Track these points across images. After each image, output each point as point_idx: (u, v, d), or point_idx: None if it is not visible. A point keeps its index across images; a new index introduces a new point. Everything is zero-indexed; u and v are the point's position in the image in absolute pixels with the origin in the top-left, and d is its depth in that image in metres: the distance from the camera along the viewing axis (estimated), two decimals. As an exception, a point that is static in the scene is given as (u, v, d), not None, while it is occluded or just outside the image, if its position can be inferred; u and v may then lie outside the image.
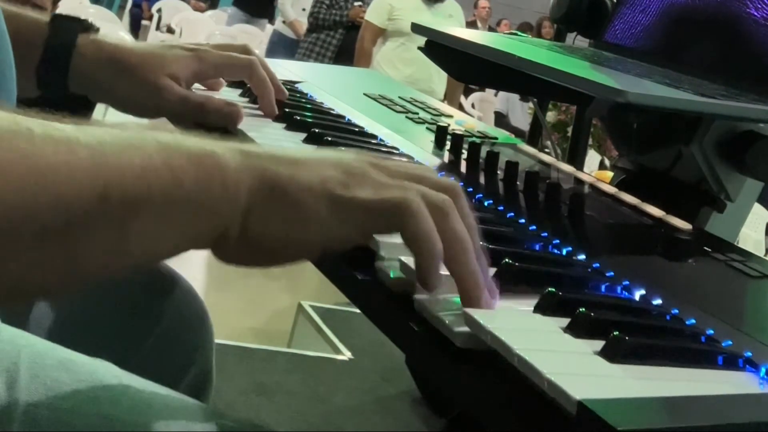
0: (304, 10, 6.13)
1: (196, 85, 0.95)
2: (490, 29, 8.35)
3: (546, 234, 0.72)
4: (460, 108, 5.98)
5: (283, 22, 6.45)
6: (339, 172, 0.55)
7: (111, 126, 0.49)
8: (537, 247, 0.69)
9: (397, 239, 0.56)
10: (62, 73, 0.85)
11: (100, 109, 0.95)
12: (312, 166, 0.55)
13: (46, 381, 0.63)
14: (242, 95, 1.02)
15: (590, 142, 3.34)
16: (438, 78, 4.52)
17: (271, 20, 7.64)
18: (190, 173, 0.49)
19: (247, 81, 0.97)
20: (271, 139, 0.87)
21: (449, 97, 5.08)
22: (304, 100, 1.06)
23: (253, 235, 0.53)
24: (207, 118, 0.87)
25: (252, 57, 0.94)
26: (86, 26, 0.88)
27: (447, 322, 0.52)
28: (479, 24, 8.26)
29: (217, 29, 7.57)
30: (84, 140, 0.46)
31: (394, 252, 0.59)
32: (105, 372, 0.68)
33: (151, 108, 0.89)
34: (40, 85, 0.85)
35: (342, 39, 5.54)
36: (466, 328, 0.51)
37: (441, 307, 0.54)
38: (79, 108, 0.89)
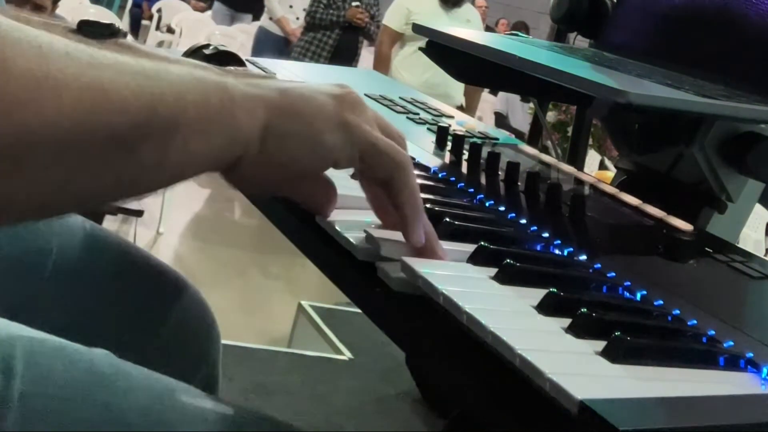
0: (291, 7, 6.12)
1: None
2: (488, 29, 8.34)
3: (547, 235, 0.72)
4: (475, 114, 5.94)
5: (270, 18, 6.38)
6: (344, 100, 0.62)
7: (146, 54, 0.54)
8: (538, 248, 0.69)
9: (398, 237, 0.61)
10: None
11: None
12: (318, 95, 0.61)
13: (42, 370, 0.64)
14: None
15: (590, 142, 3.34)
16: (455, 83, 4.50)
17: (258, 17, 7.60)
18: (216, 95, 0.55)
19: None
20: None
21: (468, 103, 5.04)
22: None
23: (270, 150, 0.58)
24: None
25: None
26: (113, 31, 0.88)
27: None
28: (478, 23, 8.24)
29: (217, 29, 7.57)
30: (129, 62, 0.50)
31: (395, 252, 0.59)
32: (101, 360, 0.68)
33: None
34: None
35: (338, 39, 5.53)
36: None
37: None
38: None
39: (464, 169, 0.88)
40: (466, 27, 4.50)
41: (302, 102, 0.60)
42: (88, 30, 0.85)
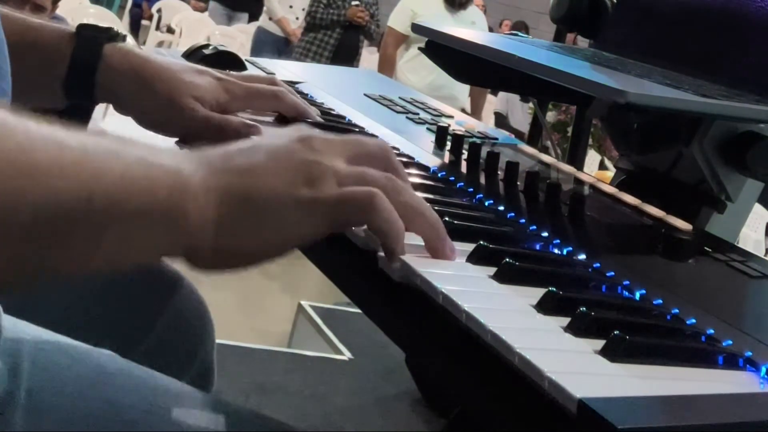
0: (291, 7, 6.12)
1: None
2: (489, 29, 8.33)
3: (546, 234, 0.72)
4: (480, 116, 5.93)
5: (270, 19, 6.38)
6: (297, 169, 0.58)
7: (94, 134, 0.52)
8: (537, 247, 0.69)
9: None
10: (89, 84, 0.85)
11: (99, 110, 0.94)
12: (272, 170, 0.57)
13: (48, 367, 0.64)
14: None
15: (590, 142, 3.34)
16: (460, 85, 4.50)
17: (255, 16, 7.59)
18: (165, 187, 0.52)
19: (278, 110, 0.95)
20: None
21: (473, 105, 5.04)
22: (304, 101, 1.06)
23: (226, 244, 0.55)
24: (227, 139, 0.87)
25: (278, 87, 0.94)
26: (112, 35, 0.87)
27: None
28: (477, 23, 8.24)
29: (216, 29, 7.57)
30: (73, 144, 0.48)
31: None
32: (107, 359, 0.69)
33: (172, 125, 0.89)
34: (68, 96, 0.85)
35: (339, 39, 5.53)
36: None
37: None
38: (79, 114, 0.89)
39: (463, 168, 0.88)
40: (471, 29, 4.49)
41: (258, 184, 0.57)
42: (87, 33, 0.85)
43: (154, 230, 0.52)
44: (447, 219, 0.66)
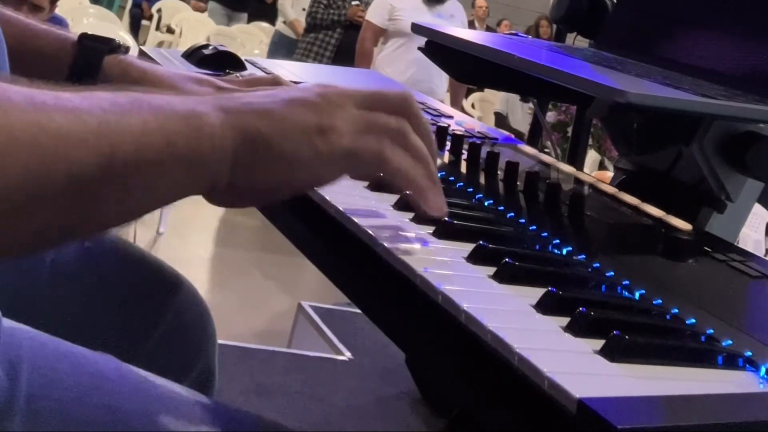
0: (304, 9, 6.13)
1: None
2: (488, 29, 8.34)
3: (546, 234, 0.72)
4: (461, 108, 5.97)
5: (284, 22, 6.45)
6: (310, 117, 0.59)
7: (109, 90, 0.54)
8: (537, 247, 0.69)
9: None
10: None
11: None
12: (287, 116, 0.59)
13: (47, 372, 0.64)
14: None
15: (590, 142, 3.34)
16: (439, 79, 4.51)
17: (270, 20, 7.65)
18: (181, 134, 0.54)
19: None
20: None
21: (452, 99, 5.06)
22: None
23: (241, 183, 0.57)
24: None
25: (277, 76, 0.94)
26: (113, 47, 0.88)
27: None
28: (477, 24, 8.25)
29: (217, 29, 7.57)
30: (89, 108, 0.50)
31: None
32: (106, 363, 0.69)
33: None
34: None
35: (340, 38, 5.53)
36: None
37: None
38: None
39: (463, 168, 0.88)
40: (449, 22, 4.49)
41: (273, 127, 0.58)
42: (88, 44, 0.85)
43: (176, 177, 0.54)
44: (447, 219, 0.66)
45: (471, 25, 7.92)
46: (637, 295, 0.63)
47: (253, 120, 0.57)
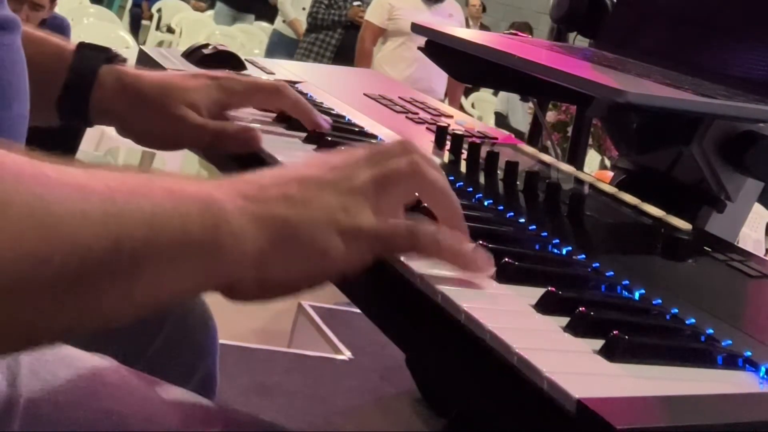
0: (304, 9, 6.14)
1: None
2: (483, 27, 8.34)
3: (546, 234, 0.72)
4: (460, 108, 5.98)
5: (283, 21, 6.45)
6: (335, 197, 0.56)
7: (117, 170, 0.49)
8: (537, 247, 0.69)
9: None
10: (83, 104, 0.83)
11: (95, 134, 0.94)
12: (308, 199, 0.55)
13: (46, 376, 0.64)
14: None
15: (590, 142, 3.34)
16: (438, 78, 4.53)
17: (271, 20, 7.65)
18: (196, 221, 0.49)
19: (279, 107, 0.92)
20: (272, 141, 0.87)
21: (450, 97, 5.08)
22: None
23: (271, 277, 0.53)
24: (225, 146, 0.84)
25: (279, 82, 0.91)
26: (110, 56, 0.85)
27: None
28: (471, 22, 8.24)
29: (217, 29, 7.57)
30: (96, 187, 0.46)
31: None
32: (105, 366, 0.68)
33: (170, 140, 0.87)
34: (62, 115, 0.83)
35: (341, 39, 5.54)
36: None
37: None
38: (67, 137, 0.89)
39: (463, 168, 0.88)
40: (448, 21, 4.51)
41: (299, 215, 0.54)
42: (85, 53, 0.84)
43: (190, 268, 0.49)
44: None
45: (465, 23, 7.92)
46: (636, 294, 0.62)
47: (275, 206, 0.53)
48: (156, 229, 0.47)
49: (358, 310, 0.67)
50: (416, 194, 0.62)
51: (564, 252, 0.69)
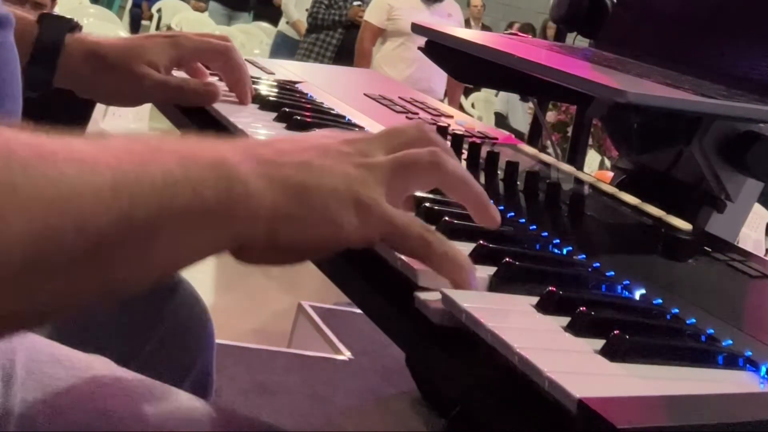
0: (307, 10, 6.15)
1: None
2: (485, 28, 8.34)
3: (546, 234, 0.72)
4: (460, 108, 5.98)
5: (287, 22, 6.46)
6: (354, 168, 0.56)
7: (126, 139, 0.49)
8: (537, 247, 0.69)
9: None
10: (49, 72, 0.88)
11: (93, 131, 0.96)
12: (326, 167, 0.55)
13: (42, 378, 0.64)
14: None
15: (590, 142, 3.34)
16: (438, 78, 4.53)
17: (272, 20, 7.66)
18: (209, 184, 0.49)
19: (222, 66, 0.98)
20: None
21: (450, 97, 5.08)
22: (304, 100, 1.06)
23: (284, 240, 0.52)
24: (187, 100, 0.92)
25: (229, 43, 0.97)
26: (73, 26, 0.91)
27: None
28: (472, 23, 8.25)
29: (217, 29, 7.57)
30: (105, 159, 0.45)
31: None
32: (101, 367, 0.68)
33: (133, 97, 0.94)
34: (27, 80, 0.86)
35: (341, 39, 5.54)
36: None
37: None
38: (80, 109, 0.92)
39: (464, 168, 0.88)
40: (448, 21, 4.51)
41: (315, 179, 0.53)
42: (50, 23, 0.88)
43: (203, 232, 0.49)
44: (447, 219, 0.66)
45: (467, 23, 7.92)
46: (637, 294, 0.63)
47: (292, 171, 0.53)
48: (168, 196, 0.47)
49: (358, 310, 0.67)
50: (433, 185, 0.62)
51: (564, 252, 0.69)
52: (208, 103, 0.91)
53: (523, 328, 0.53)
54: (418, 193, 0.69)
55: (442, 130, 0.97)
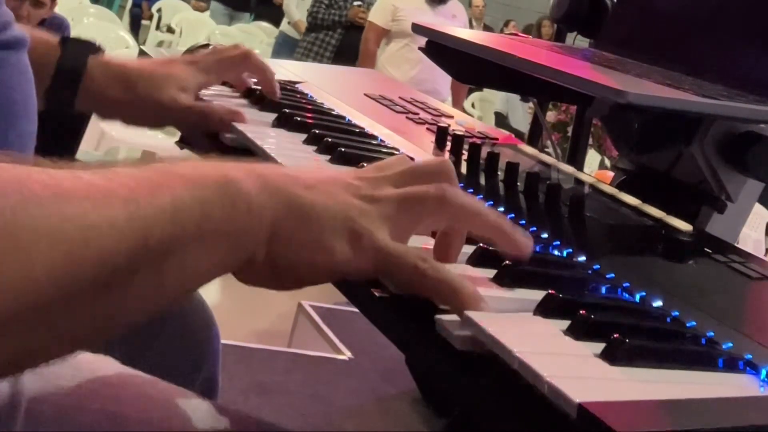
0: (308, 10, 6.15)
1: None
2: (486, 28, 8.34)
3: (546, 235, 0.71)
4: (462, 108, 5.97)
5: (288, 22, 6.47)
6: (357, 199, 0.56)
7: (133, 167, 0.50)
8: (537, 249, 0.68)
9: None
10: (72, 94, 0.89)
11: (94, 134, 0.97)
12: (329, 192, 0.55)
13: (48, 377, 0.64)
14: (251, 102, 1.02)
15: (590, 142, 3.34)
16: (442, 79, 4.51)
17: (273, 20, 7.66)
18: (216, 205, 0.50)
19: (247, 72, 1.01)
20: (272, 140, 0.87)
21: (454, 99, 5.07)
22: (304, 101, 1.06)
23: (278, 259, 0.53)
24: (210, 125, 0.91)
25: (245, 50, 0.99)
26: (95, 49, 0.92)
27: (446, 325, 0.52)
28: (474, 23, 8.25)
29: (217, 29, 7.57)
30: (116, 190, 0.46)
31: None
32: (107, 367, 0.68)
33: (157, 121, 0.96)
34: (49, 103, 0.88)
35: (341, 39, 5.53)
36: (466, 332, 0.51)
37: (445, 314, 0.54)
38: (68, 136, 0.94)
39: (463, 169, 0.88)
40: (452, 22, 4.51)
41: (316, 199, 0.54)
42: (72, 46, 0.89)
43: (214, 252, 0.50)
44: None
45: (468, 24, 7.92)
46: (637, 297, 0.62)
47: (294, 190, 0.53)
48: (179, 222, 0.48)
49: (358, 310, 0.67)
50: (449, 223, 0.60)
51: (564, 254, 0.69)
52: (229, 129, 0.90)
53: (523, 332, 0.52)
54: None
55: (443, 131, 0.97)
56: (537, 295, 0.57)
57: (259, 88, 1.01)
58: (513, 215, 0.75)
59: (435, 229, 0.62)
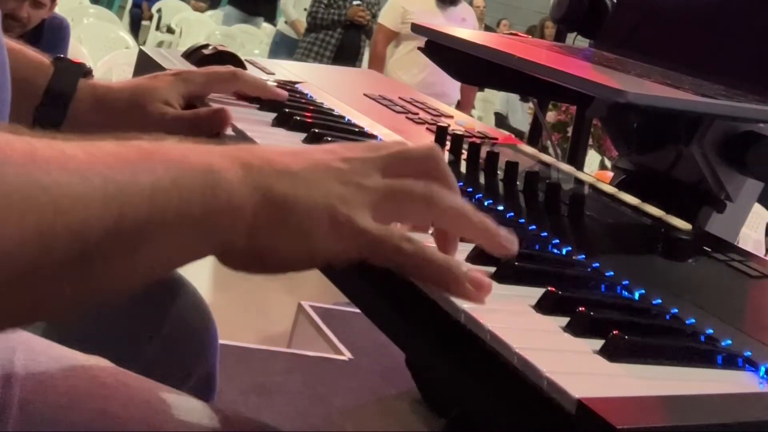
0: (305, 10, 6.14)
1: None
2: (487, 28, 8.33)
3: (546, 234, 0.72)
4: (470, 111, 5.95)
5: (285, 22, 6.45)
6: (340, 186, 0.55)
7: (118, 144, 0.49)
8: (537, 247, 0.69)
9: None
10: (60, 115, 0.89)
11: None
12: (311, 180, 0.55)
13: (41, 377, 0.64)
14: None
15: (590, 142, 3.34)
16: (451, 82, 4.50)
17: (273, 20, 7.63)
18: (196, 193, 0.50)
19: (238, 90, 1.00)
20: (272, 141, 0.87)
21: (463, 101, 5.06)
22: (304, 101, 1.06)
23: (259, 248, 0.53)
24: (202, 129, 0.91)
25: (234, 69, 0.99)
26: (86, 71, 0.92)
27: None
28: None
29: (217, 29, 7.56)
30: (96, 167, 0.46)
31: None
32: (101, 368, 0.68)
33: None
34: (36, 122, 0.89)
35: (340, 38, 5.54)
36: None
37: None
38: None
39: (463, 168, 0.88)
40: (461, 25, 4.50)
41: (296, 191, 0.54)
42: (64, 66, 0.90)
43: (190, 238, 0.50)
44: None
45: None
46: (636, 294, 0.63)
47: (275, 180, 0.53)
48: (157, 205, 0.48)
49: (358, 310, 0.67)
50: (433, 222, 0.61)
51: (564, 252, 0.69)
52: (221, 128, 0.90)
53: (522, 329, 0.53)
54: None
55: (442, 131, 0.97)
56: (536, 292, 0.57)
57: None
58: (512, 214, 0.76)
59: (417, 224, 0.62)
